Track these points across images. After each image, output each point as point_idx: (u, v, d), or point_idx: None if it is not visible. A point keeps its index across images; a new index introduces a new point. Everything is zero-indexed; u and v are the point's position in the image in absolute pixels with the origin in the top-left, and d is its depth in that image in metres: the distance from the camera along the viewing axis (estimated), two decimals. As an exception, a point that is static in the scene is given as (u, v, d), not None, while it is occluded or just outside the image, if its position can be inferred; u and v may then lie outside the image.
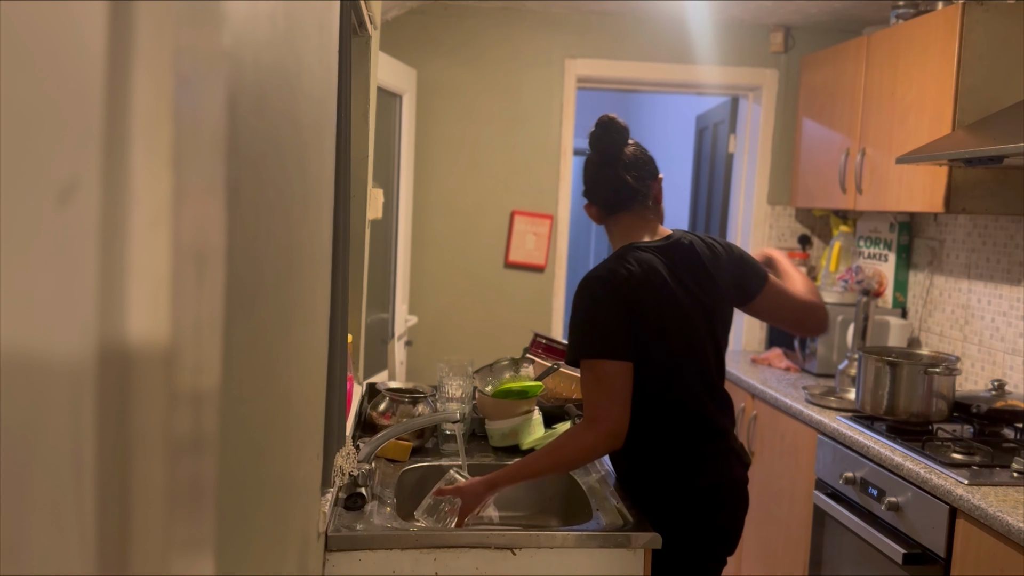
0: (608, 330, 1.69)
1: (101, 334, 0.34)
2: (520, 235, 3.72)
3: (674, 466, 1.75)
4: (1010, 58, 2.59)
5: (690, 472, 1.75)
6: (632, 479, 1.82)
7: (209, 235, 0.42)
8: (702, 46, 3.70)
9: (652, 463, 1.77)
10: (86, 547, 0.34)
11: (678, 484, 1.75)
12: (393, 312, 3.39)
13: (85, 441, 0.33)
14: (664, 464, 1.76)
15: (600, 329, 1.70)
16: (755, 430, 3.15)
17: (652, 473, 1.77)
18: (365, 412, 2.29)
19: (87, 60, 0.32)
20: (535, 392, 2.17)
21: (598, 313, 1.70)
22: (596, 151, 1.84)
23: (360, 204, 2.37)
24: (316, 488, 1.43)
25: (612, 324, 1.69)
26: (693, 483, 1.74)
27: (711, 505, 1.75)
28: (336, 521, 1.61)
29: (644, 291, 1.70)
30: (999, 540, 1.87)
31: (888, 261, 3.39)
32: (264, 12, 0.77)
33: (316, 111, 1.18)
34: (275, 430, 0.95)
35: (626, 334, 1.68)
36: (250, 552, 0.84)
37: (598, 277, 1.72)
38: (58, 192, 0.31)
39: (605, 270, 1.73)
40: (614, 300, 1.69)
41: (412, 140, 3.59)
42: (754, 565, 3.15)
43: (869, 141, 3.07)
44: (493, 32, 3.66)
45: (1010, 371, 2.75)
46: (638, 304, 1.69)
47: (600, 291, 1.71)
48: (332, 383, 1.50)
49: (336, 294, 1.50)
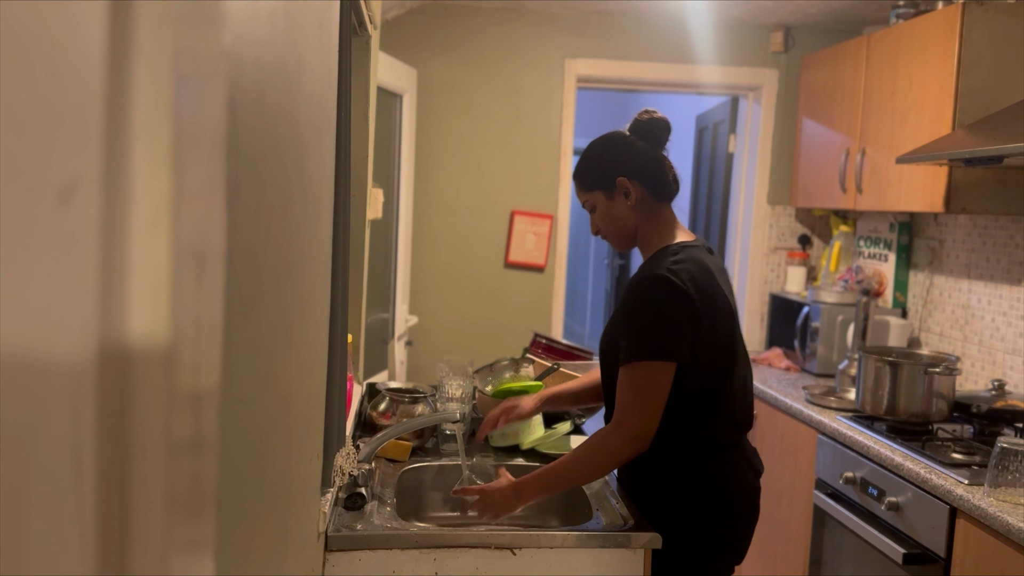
0: (663, 331, 1.61)
1: (101, 334, 0.34)
2: (520, 235, 3.72)
3: (690, 471, 1.70)
4: (1010, 58, 2.59)
5: (705, 483, 1.70)
6: (643, 481, 1.76)
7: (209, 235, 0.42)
8: (702, 46, 3.70)
9: (669, 469, 1.71)
10: (86, 547, 0.34)
11: (691, 490, 1.70)
12: (393, 312, 3.39)
13: (85, 441, 0.33)
14: (681, 471, 1.71)
15: (659, 329, 1.61)
16: (755, 430, 3.15)
17: (666, 477, 1.72)
18: (365, 412, 2.29)
19: (87, 60, 0.32)
20: (535, 392, 2.17)
21: (659, 312, 1.61)
22: (643, 136, 1.76)
23: (360, 204, 2.37)
24: (316, 488, 1.43)
25: (670, 325, 1.61)
26: (707, 490, 1.69)
27: (723, 513, 1.71)
28: (336, 521, 1.60)
29: (705, 293, 1.63)
30: (999, 540, 1.87)
31: (888, 261, 3.39)
32: (264, 12, 0.77)
33: (316, 111, 1.18)
34: (275, 430, 0.95)
35: (683, 336, 1.61)
36: (250, 552, 0.84)
37: (660, 276, 1.61)
38: (58, 192, 0.31)
39: (665, 269, 1.62)
40: (678, 300, 1.60)
41: (412, 140, 3.59)
42: (754, 565, 3.15)
43: (869, 141, 3.07)
44: (493, 32, 3.66)
45: (1010, 371, 2.75)
46: (699, 306, 1.62)
47: (663, 290, 1.61)
48: (332, 383, 1.50)
49: (336, 294, 1.50)
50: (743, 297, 3.87)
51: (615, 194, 1.73)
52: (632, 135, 1.77)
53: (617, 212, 1.75)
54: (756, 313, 3.85)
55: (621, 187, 1.72)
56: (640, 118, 1.77)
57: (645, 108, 1.79)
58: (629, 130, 1.79)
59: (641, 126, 1.77)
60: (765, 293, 3.82)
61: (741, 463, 1.74)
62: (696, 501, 1.70)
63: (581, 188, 1.79)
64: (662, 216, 1.76)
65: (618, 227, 1.76)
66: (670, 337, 1.61)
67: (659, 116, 1.76)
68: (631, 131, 1.78)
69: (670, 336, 1.61)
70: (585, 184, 1.78)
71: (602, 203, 1.75)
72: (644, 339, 1.62)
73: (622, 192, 1.73)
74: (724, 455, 1.73)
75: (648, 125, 1.76)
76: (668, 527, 1.66)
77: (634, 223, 1.75)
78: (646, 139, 1.76)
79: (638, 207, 1.73)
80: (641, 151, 1.75)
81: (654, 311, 1.62)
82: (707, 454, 1.71)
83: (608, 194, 1.74)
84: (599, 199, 1.75)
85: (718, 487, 1.71)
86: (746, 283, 3.85)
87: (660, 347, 1.61)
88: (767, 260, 3.84)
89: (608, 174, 1.73)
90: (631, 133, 1.78)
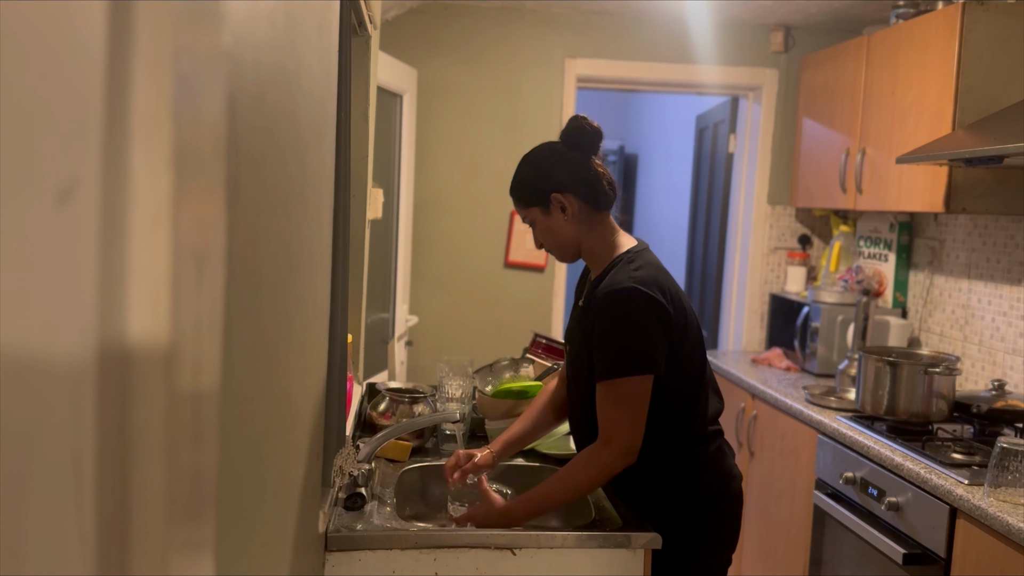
0: (640, 345, 1.61)
1: (101, 334, 0.34)
2: (520, 235, 3.72)
3: (680, 471, 1.73)
4: (1010, 58, 2.59)
5: (695, 477, 1.73)
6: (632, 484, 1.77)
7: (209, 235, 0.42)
8: (702, 46, 3.70)
9: (659, 469, 1.73)
10: (86, 547, 0.34)
11: (682, 485, 1.73)
12: (394, 312, 3.39)
13: (85, 441, 0.33)
14: (671, 470, 1.74)
15: (637, 344, 1.61)
16: (755, 430, 3.15)
17: (659, 479, 1.74)
18: (365, 412, 2.29)
19: (87, 60, 0.32)
20: (535, 392, 2.17)
21: (636, 328, 1.61)
22: (575, 147, 1.71)
23: (360, 204, 2.37)
24: (316, 488, 1.43)
25: (645, 338, 1.61)
26: (697, 488, 1.73)
27: (715, 502, 1.74)
28: (336, 521, 1.61)
29: (671, 296, 1.64)
30: (999, 540, 1.87)
31: (888, 261, 3.39)
32: (264, 12, 0.77)
33: (316, 111, 1.18)
34: (275, 430, 0.95)
35: (658, 346, 1.61)
36: (250, 552, 0.84)
37: (628, 290, 1.60)
38: (58, 192, 0.31)
39: (636, 279, 1.61)
40: (650, 311, 1.60)
41: (413, 140, 3.59)
42: (754, 565, 3.15)
43: (869, 141, 3.07)
44: (493, 32, 3.66)
45: (1010, 371, 2.75)
46: (670, 311, 1.63)
47: (635, 303, 1.60)
48: (332, 383, 1.50)
49: (336, 294, 1.50)
50: (743, 297, 3.87)
51: (551, 209, 1.70)
52: (562, 145, 1.73)
53: (556, 227, 1.72)
54: (756, 313, 3.85)
55: (556, 203, 1.69)
56: (568, 126, 1.73)
57: (575, 114, 1.74)
58: (562, 139, 1.74)
59: (569, 135, 1.72)
60: (765, 293, 3.82)
61: (722, 449, 1.78)
62: (688, 495, 1.73)
63: (519, 205, 1.75)
64: (603, 226, 1.73)
65: (559, 242, 1.74)
66: (646, 350, 1.61)
67: (589, 124, 1.71)
68: (563, 140, 1.73)
69: (646, 349, 1.62)
70: (521, 201, 1.74)
71: (540, 219, 1.72)
72: (622, 355, 1.61)
73: (558, 207, 1.70)
74: (709, 444, 1.76)
75: (576, 133, 1.71)
76: (663, 525, 1.68)
77: (575, 236, 1.72)
78: (578, 148, 1.71)
79: (576, 220, 1.70)
80: (573, 162, 1.70)
81: (628, 326, 1.61)
82: (694, 446, 1.74)
83: (544, 210, 1.71)
84: (537, 215, 1.72)
85: (707, 478, 1.74)
86: (746, 283, 3.85)
87: (638, 361, 1.61)
88: (767, 260, 3.84)
89: (542, 190, 1.70)
90: (563, 142, 1.73)
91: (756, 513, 3.10)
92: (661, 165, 6.45)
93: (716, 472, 1.75)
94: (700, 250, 4.42)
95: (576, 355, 1.77)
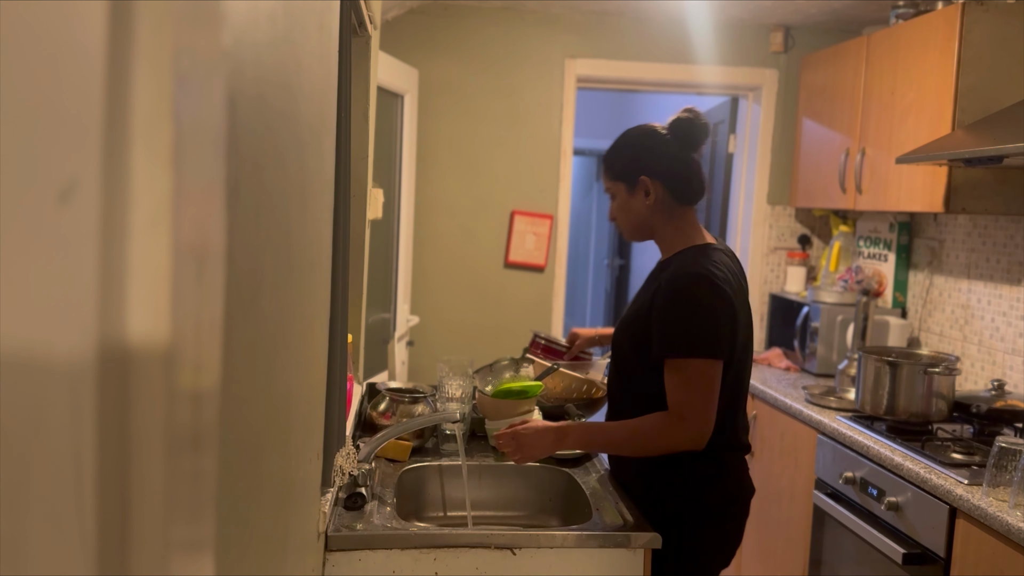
0: (710, 329, 1.61)
1: (101, 334, 0.34)
2: (520, 235, 3.72)
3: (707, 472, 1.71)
4: (1010, 58, 2.59)
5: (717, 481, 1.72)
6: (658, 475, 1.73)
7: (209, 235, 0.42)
8: (702, 46, 3.70)
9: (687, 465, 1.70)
10: (86, 547, 0.34)
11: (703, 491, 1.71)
12: (395, 312, 3.39)
13: (85, 441, 0.33)
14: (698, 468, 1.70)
15: (703, 327, 1.61)
16: (755, 430, 3.15)
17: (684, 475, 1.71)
18: (365, 412, 2.29)
19: (87, 60, 0.32)
20: (535, 392, 2.17)
21: (703, 311, 1.61)
22: (679, 136, 1.73)
23: (360, 204, 2.37)
24: (316, 488, 1.43)
25: (715, 324, 1.61)
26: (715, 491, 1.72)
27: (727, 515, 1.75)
28: (336, 521, 1.61)
29: (739, 295, 1.66)
30: (999, 540, 1.87)
31: (888, 261, 3.39)
32: (264, 12, 0.77)
33: (316, 111, 1.18)
34: (275, 430, 0.95)
35: (725, 335, 1.62)
36: (250, 552, 0.84)
37: (701, 275, 1.62)
38: (58, 192, 0.31)
39: (704, 268, 1.63)
40: (720, 299, 1.61)
41: (414, 140, 3.59)
42: (754, 565, 3.15)
43: (869, 141, 3.07)
44: (493, 32, 3.66)
45: (1010, 371, 2.75)
46: (735, 307, 1.64)
47: (705, 289, 1.61)
48: (332, 383, 1.50)
49: (336, 294, 1.50)
50: (743, 297, 3.87)
51: (636, 190, 1.73)
52: (668, 133, 1.75)
53: (634, 207, 1.75)
54: (756, 313, 3.85)
55: (642, 185, 1.72)
56: (680, 116, 1.75)
57: (688, 107, 1.76)
58: (668, 127, 1.76)
59: (679, 125, 1.74)
60: (765, 293, 3.82)
61: (745, 462, 1.79)
62: (705, 496, 1.72)
63: (607, 175, 1.79)
64: (683, 219, 1.75)
65: (632, 222, 1.77)
66: (717, 335, 1.61)
67: (700, 119, 1.73)
68: (669, 128, 1.75)
69: (717, 334, 1.61)
70: (610, 173, 1.78)
71: (622, 195, 1.76)
72: (693, 336, 1.61)
73: (643, 190, 1.73)
74: (738, 453, 1.76)
75: (685, 125, 1.73)
76: (671, 520, 1.67)
77: (649, 221, 1.75)
78: (681, 140, 1.74)
79: (656, 207, 1.73)
80: (671, 153, 1.73)
81: (699, 309, 1.61)
82: (726, 451, 1.73)
83: (629, 188, 1.74)
84: (620, 190, 1.76)
85: (727, 485, 1.74)
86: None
87: (710, 345, 1.61)
88: (767, 260, 3.84)
89: (633, 170, 1.73)
90: (668, 131, 1.75)
91: (756, 513, 3.09)
92: (661, 165, 6.44)
93: (736, 481, 1.75)
94: (700, 250, 4.41)
95: (625, 324, 1.77)
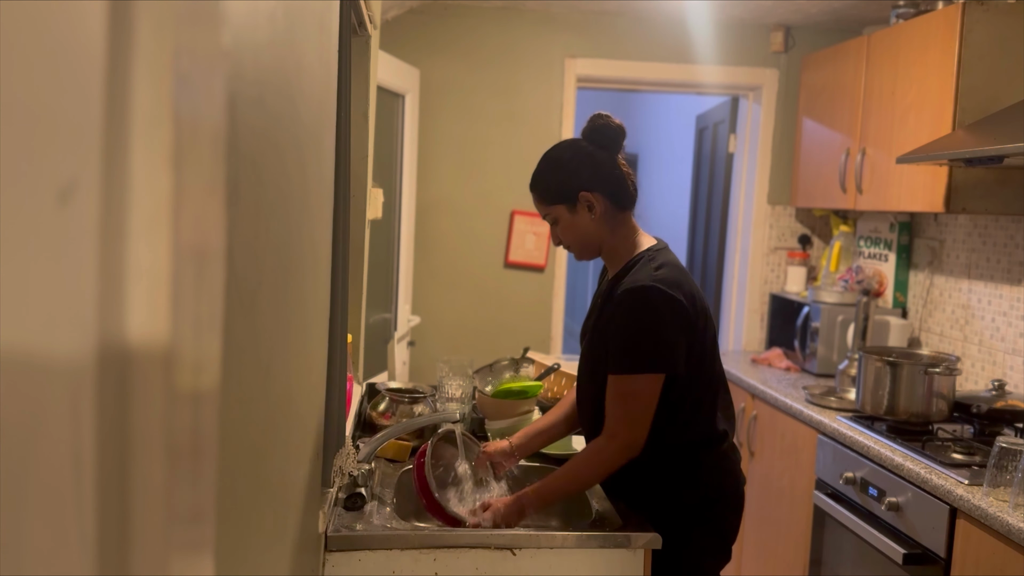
0: (656, 343, 1.61)
1: (101, 334, 0.34)
2: (520, 235, 3.72)
3: (682, 472, 1.73)
4: (1010, 58, 2.59)
5: (695, 479, 1.73)
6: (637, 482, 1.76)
7: (209, 235, 0.42)
8: (702, 46, 3.70)
9: (662, 469, 1.73)
10: (86, 547, 0.34)
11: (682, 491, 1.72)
12: (396, 312, 3.39)
13: (85, 441, 0.33)
14: (673, 470, 1.73)
15: (652, 342, 1.61)
16: (755, 430, 3.15)
17: (660, 478, 1.73)
18: (365, 412, 2.29)
19: (87, 60, 0.32)
20: (535, 392, 2.17)
21: (653, 326, 1.60)
22: (601, 145, 1.70)
23: (360, 204, 2.37)
24: (316, 488, 1.43)
25: (662, 337, 1.61)
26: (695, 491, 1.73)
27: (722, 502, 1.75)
28: (336, 521, 1.61)
29: (691, 297, 1.64)
30: (999, 540, 1.87)
31: (888, 261, 3.39)
32: (264, 12, 0.77)
33: (316, 111, 1.18)
34: (275, 430, 0.95)
35: (675, 345, 1.61)
36: (250, 552, 0.84)
37: (649, 288, 1.59)
38: (58, 192, 0.31)
39: (651, 280, 1.60)
40: (670, 310, 1.59)
41: (415, 140, 3.59)
42: (754, 565, 3.15)
43: (869, 141, 3.07)
44: (493, 32, 3.66)
45: (1010, 371, 2.75)
46: (690, 311, 1.62)
47: (656, 301, 1.59)
48: (332, 383, 1.50)
49: (336, 294, 1.50)
50: (743, 297, 3.87)
51: (578, 208, 1.68)
52: (589, 144, 1.71)
53: (580, 225, 1.70)
54: (756, 313, 3.85)
55: (584, 201, 1.68)
56: (594, 124, 1.70)
57: (596, 112, 1.72)
58: (584, 136, 1.72)
59: (596, 133, 1.70)
60: (765, 293, 3.82)
61: (727, 454, 1.78)
62: (685, 497, 1.73)
63: (542, 202, 1.73)
64: (626, 225, 1.73)
65: (582, 240, 1.72)
66: (662, 349, 1.62)
67: (613, 121, 1.70)
68: (587, 138, 1.72)
69: (662, 348, 1.62)
70: (546, 198, 1.71)
71: (564, 217, 1.70)
72: (636, 353, 1.62)
73: (585, 206, 1.68)
74: (714, 448, 1.76)
75: (602, 131, 1.69)
76: (660, 524, 1.68)
77: (597, 235, 1.71)
78: (603, 147, 1.70)
79: (602, 219, 1.69)
80: (602, 161, 1.69)
81: (646, 324, 1.61)
82: (699, 449, 1.74)
83: (570, 208, 1.69)
84: (561, 212, 1.70)
85: (707, 481, 1.74)
86: (746, 283, 3.85)
87: (652, 360, 1.62)
88: (767, 260, 3.84)
89: (570, 188, 1.68)
90: (587, 140, 1.71)
91: (756, 513, 3.10)
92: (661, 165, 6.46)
93: (718, 475, 1.75)
94: (700, 250, 4.42)
95: (589, 351, 1.77)
